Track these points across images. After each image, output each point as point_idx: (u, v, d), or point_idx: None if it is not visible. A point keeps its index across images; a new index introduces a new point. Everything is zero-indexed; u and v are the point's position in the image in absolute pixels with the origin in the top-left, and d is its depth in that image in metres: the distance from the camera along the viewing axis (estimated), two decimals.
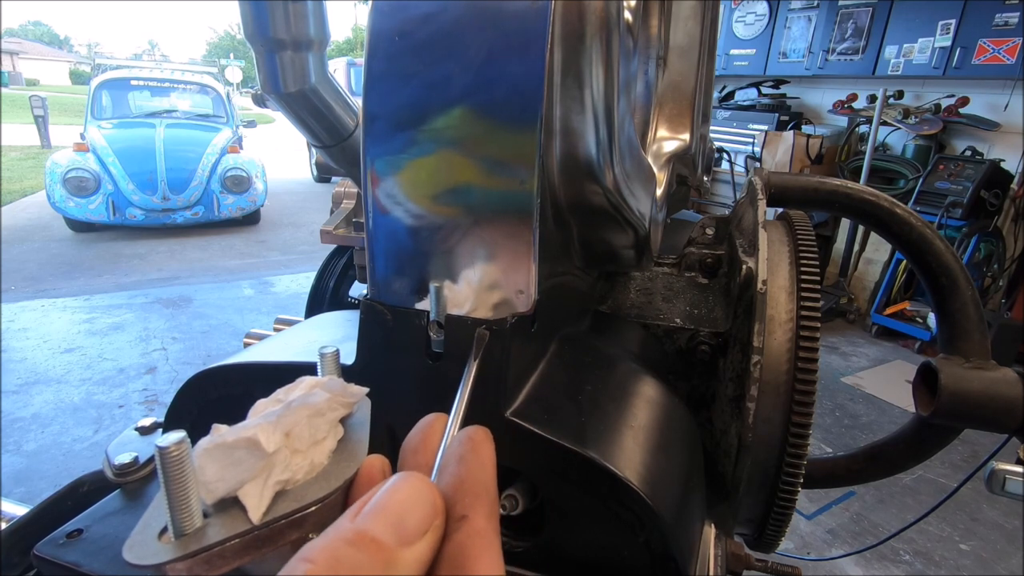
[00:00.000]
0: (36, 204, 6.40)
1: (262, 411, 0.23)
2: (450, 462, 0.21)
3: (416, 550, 0.17)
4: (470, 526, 0.19)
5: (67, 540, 0.38)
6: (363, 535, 0.17)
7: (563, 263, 0.40)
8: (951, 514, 2.32)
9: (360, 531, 0.17)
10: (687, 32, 0.70)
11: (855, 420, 3.03)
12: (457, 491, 0.20)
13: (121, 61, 7.33)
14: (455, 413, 0.25)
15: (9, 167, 8.33)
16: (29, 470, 2.36)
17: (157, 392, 2.95)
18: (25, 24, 79.69)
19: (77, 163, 5.19)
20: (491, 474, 0.21)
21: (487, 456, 0.21)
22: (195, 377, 0.41)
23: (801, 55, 4.63)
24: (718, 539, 0.48)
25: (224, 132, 6.10)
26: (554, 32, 0.29)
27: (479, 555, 0.18)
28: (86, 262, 4.87)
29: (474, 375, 0.29)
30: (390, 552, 0.17)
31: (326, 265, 1.44)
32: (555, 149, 0.33)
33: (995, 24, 3.53)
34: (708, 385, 0.51)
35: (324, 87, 0.59)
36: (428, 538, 0.18)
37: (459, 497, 0.20)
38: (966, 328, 0.49)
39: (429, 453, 0.23)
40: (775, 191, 0.55)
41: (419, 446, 0.23)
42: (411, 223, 0.32)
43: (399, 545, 0.17)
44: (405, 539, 0.17)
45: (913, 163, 4.10)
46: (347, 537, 0.17)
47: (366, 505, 0.18)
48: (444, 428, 0.24)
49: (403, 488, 0.18)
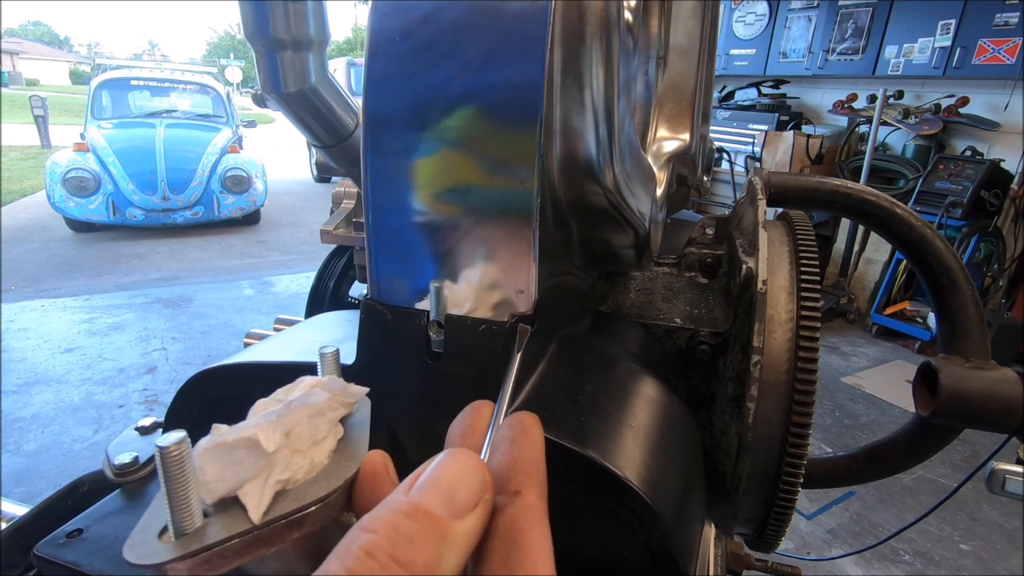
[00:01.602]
0: (36, 204, 6.40)
1: (262, 411, 0.23)
2: (502, 442, 0.22)
3: (467, 523, 0.18)
4: (523, 501, 0.20)
5: (67, 540, 0.38)
6: (418, 507, 0.18)
7: (563, 263, 0.40)
8: (951, 514, 2.32)
9: (415, 503, 0.18)
10: (687, 32, 0.70)
11: (855, 420, 3.04)
12: (511, 469, 0.21)
13: (121, 61, 7.33)
14: (502, 399, 0.27)
15: (9, 167, 8.33)
16: (29, 470, 2.36)
17: (157, 392, 2.95)
18: (25, 24, 79.71)
19: (77, 163, 5.19)
20: (542, 454, 0.22)
21: (537, 437, 0.23)
22: (195, 377, 0.41)
23: (801, 55, 4.63)
24: (718, 539, 0.48)
25: (224, 132, 6.10)
26: (554, 32, 0.29)
27: (531, 529, 0.19)
28: (86, 262, 4.87)
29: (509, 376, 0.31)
30: (444, 524, 0.17)
31: (326, 265, 1.44)
32: (555, 149, 0.33)
33: (995, 24, 3.54)
34: (708, 385, 0.51)
35: (324, 87, 0.59)
36: (478, 512, 0.19)
37: (512, 475, 0.21)
38: (966, 328, 0.48)
39: (477, 436, 0.24)
40: (775, 191, 0.55)
41: (466, 430, 0.24)
42: (411, 223, 0.32)
43: (451, 517, 0.18)
44: (456, 512, 0.18)
45: (913, 163, 4.10)
46: (404, 509, 0.17)
47: (418, 479, 0.19)
48: (491, 414, 0.25)
49: (453, 464, 0.19)
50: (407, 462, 0.23)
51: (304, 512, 0.21)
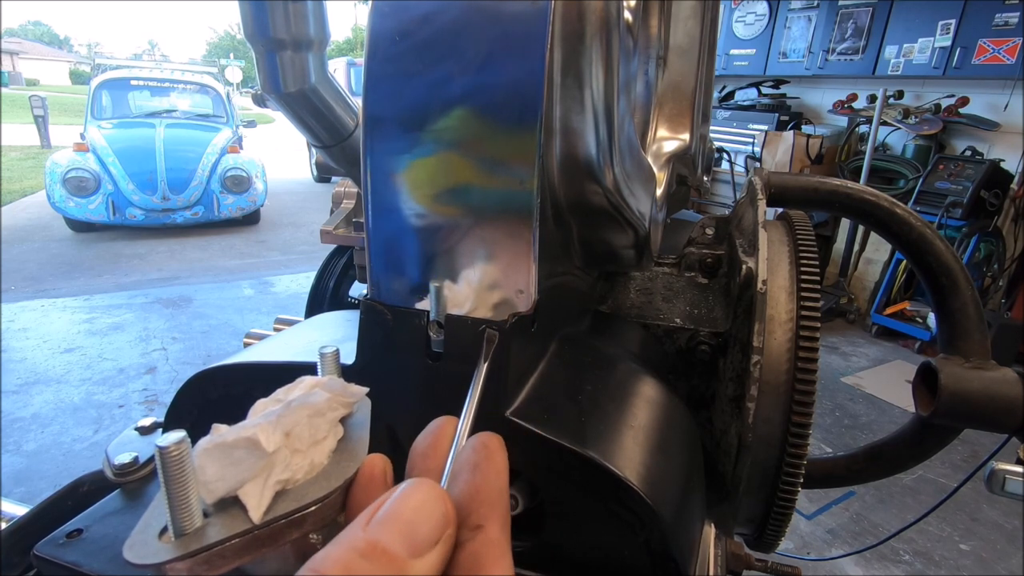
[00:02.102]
0: (36, 204, 6.40)
1: (262, 411, 0.23)
2: (463, 469, 0.21)
3: (427, 561, 0.17)
4: (485, 536, 0.19)
5: (67, 540, 0.38)
6: (374, 546, 0.17)
7: (563, 263, 0.40)
8: (951, 514, 2.32)
9: (371, 541, 0.17)
10: (687, 32, 0.70)
11: (855, 420, 3.03)
12: (472, 500, 0.20)
13: (121, 61, 7.33)
14: (465, 417, 0.25)
15: (9, 167, 8.33)
16: (29, 470, 2.36)
17: (157, 392, 2.95)
18: (25, 24, 79.70)
19: (77, 163, 5.19)
20: (505, 482, 0.21)
21: (501, 464, 0.21)
22: (195, 377, 0.41)
23: (801, 55, 4.63)
24: (718, 539, 0.48)
25: (224, 132, 6.10)
26: (554, 32, 0.29)
27: (493, 564, 0.18)
28: (86, 262, 4.87)
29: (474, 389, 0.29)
30: (402, 563, 0.17)
31: (326, 265, 1.44)
32: (555, 149, 0.33)
33: (995, 24, 3.53)
34: (708, 385, 0.51)
35: (324, 87, 0.59)
36: (439, 548, 0.18)
37: (474, 506, 0.19)
38: (966, 328, 0.48)
39: (439, 458, 0.23)
40: (775, 191, 0.55)
41: (428, 451, 0.23)
42: (411, 223, 0.32)
43: (410, 556, 0.17)
44: (416, 550, 0.17)
45: (913, 163, 4.10)
46: (359, 547, 0.16)
47: (377, 512, 0.18)
48: (454, 432, 0.24)
49: (415, 495, 0.18)
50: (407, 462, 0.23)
51: (304, 512, 0.21)
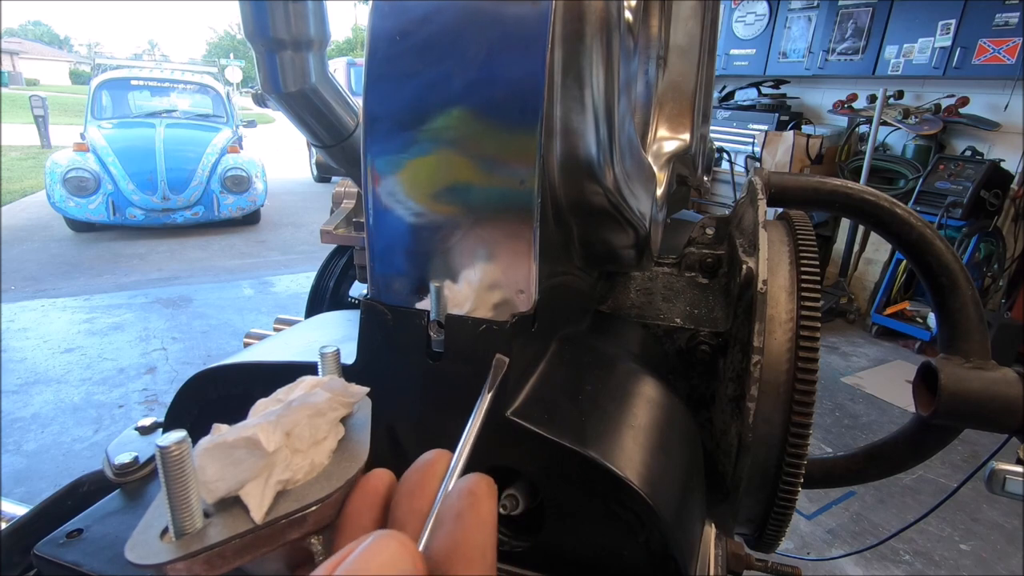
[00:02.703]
0: (36, 204, 6.39)
1: (262, 411, 0.23)
2: (447, 518, 0.19)
3: None
4: None
5: (67, 540, 0.39)
6: None
7: (563, 263, 0.40)
8: (951, 514, 2.32)
9: None
10: (687, 32, 0.70)
11: (855, 420, 3.03)
12: (452, 554, 0.18)
13: (121, 61, 7.31)
14: (459, 456, 0.23)
15: (9, 167, 8.32)
16: (29, 470, 2.36)
17: (157, 392, 2.95)
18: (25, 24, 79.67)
19: (77, 163, 5.19)
20: (490, 535, 0.19)
21: (487, 513, 0.20)
22: (195, 377, 0.41)
23: (801, 55, 4.63)
24: (718, 539, 0.48)
25: (224, 132, 6.10)
26: (554, 32, 0.29)
27: None
28: (86, 262, 4.87)
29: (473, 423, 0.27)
30: None
31: (326, 265, 1.44)
32: (555, 149, 0.33)
33: (995, 24, 3.53)
34: (708, 385, 0.51)
35: (324, 87, 0.59)
36: None
37: (452, 562, 0.18)
38: (966, 328, 0.49)
39: (426, 498, 0.21)
40: (775, 191, 0.55)
41: (415, 489, 0.22)
42: (411, 223, 0.32)
43: None
44: None
45: (913, 163, 4.10)
46: None
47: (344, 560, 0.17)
48: (445, 469, 0.22)
49: (384, 553, 0.17)
50: (407, 462, 0.23)
51: (305, 512, 0.21)
